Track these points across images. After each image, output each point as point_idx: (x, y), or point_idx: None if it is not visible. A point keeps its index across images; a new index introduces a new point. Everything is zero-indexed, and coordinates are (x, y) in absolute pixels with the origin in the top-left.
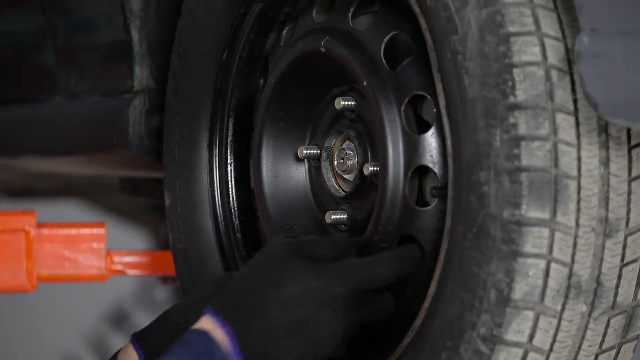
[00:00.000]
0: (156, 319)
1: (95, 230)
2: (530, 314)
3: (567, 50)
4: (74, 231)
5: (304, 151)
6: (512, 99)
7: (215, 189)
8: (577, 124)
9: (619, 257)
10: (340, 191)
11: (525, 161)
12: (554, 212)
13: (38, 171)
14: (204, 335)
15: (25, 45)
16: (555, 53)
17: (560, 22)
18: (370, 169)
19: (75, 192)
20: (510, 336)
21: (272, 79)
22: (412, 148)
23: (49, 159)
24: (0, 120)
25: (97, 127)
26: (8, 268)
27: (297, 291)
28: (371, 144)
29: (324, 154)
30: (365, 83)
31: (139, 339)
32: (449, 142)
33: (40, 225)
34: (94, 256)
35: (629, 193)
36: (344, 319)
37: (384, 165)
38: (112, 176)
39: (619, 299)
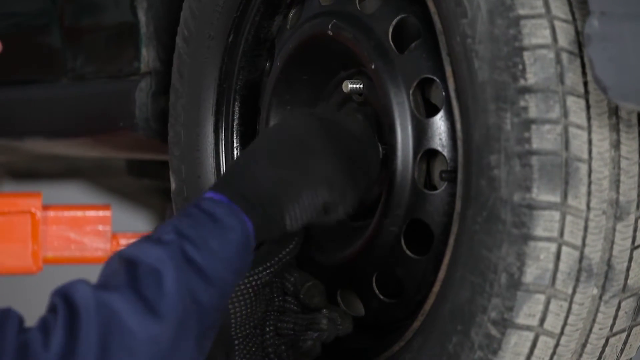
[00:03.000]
0: None
1: (101, 213)
2: (541, 298)
3: (577, 32)
4: (79, 213)
5: None
6: (522, 82)
7: (222, 172)
8: (588, 106)
9: (630, 240)
10: None
11: (535, 144)
12: (564, 195)
13: (44, 153)
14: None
15: (31, 26)
16: (565, 36)
17: (570, 4)
18: None
19: (81, 174)
20: (521, 320)
21: (279, 62)
22: (421, 131)
23: (55, 140)
24: (7, 101)
25: (103, 109)
26: (14, 250)
27: None
28: (379, 127)
29: None
30: (373, 66)
31: None
32: (458, 126)
33: (46, 207)
34: (99, 238)
35: None
36: None
37: (392, 149)
38: (118, 158)
39: (629, 281)
